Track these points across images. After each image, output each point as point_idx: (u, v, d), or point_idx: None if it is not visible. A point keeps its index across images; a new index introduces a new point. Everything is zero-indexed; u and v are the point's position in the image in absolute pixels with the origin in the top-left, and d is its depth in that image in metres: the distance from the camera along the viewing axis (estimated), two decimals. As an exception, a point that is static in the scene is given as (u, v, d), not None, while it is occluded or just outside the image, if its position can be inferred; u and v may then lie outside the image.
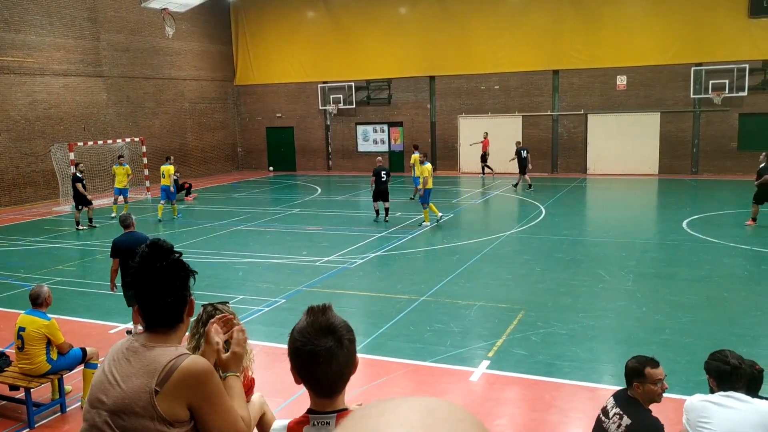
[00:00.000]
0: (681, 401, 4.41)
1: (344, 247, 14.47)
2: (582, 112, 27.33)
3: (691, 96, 25.44)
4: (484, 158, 26.59)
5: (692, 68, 25.17)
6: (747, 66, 24.40)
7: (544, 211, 18.52)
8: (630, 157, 26.47)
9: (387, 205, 17.42)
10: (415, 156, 20.01)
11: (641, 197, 22.47)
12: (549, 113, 27.83)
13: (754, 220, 15.54)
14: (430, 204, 16.57)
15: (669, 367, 7.55)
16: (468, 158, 29.02)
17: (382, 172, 17.18)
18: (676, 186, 23.52)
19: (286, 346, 2.17)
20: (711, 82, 24.94)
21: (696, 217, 16.84)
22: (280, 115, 32.75)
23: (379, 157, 20.14)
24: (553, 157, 28.09)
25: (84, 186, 17.78)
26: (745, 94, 24.56)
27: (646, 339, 8.52)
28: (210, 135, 31.74)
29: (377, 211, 17.66)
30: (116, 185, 19.70)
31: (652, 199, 22.30)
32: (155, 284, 2.52)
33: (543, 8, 27.11)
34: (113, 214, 19.30)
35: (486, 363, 7.82)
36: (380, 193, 17.27)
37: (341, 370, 2.09)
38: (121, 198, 19.71)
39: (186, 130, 30.25)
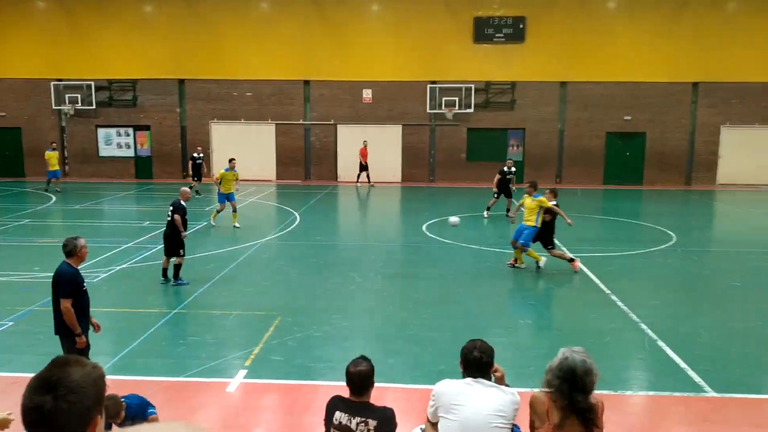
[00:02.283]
0: (426, 391, 4.76)
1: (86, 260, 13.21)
2: (332, 122, 28.42)
3: (428, 111, 27.92)
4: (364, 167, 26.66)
5: (428, 86, 27.67)
6: (473, 86, 27.50)
7: (299, 217, 18.87)
8: (377, 165, 28.16)
9: (179, 260, 11.51)
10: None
11: (387, 203, 24.01)
12: (301, 122, 28.46)
13: (488, 209, 19.04)
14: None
15: (414, 360, 8.20)
16: (217, 164, 28.40)
17: (170, 209, 11.48)
18: (416, 193, 25.59)
19: (15, 374, 1.93)
20: (444, 98, 27.66)
21: (434, 220, 18.47)
22: (3, 114, 28.91)
23: (185, 188, 12.17)
24: (306, 165, 28.78)
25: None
26: (471, 110, 27.65)
27: (394, 335, 9.13)
28: None
29: (164, 270, 11.65)
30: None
31: (395, 205, 23.96)
32: None
33: (292, 19, 27.68)
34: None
35: (243, 372, 7.73)
36: (167, 242, 11.47)
37: None
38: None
39: None
